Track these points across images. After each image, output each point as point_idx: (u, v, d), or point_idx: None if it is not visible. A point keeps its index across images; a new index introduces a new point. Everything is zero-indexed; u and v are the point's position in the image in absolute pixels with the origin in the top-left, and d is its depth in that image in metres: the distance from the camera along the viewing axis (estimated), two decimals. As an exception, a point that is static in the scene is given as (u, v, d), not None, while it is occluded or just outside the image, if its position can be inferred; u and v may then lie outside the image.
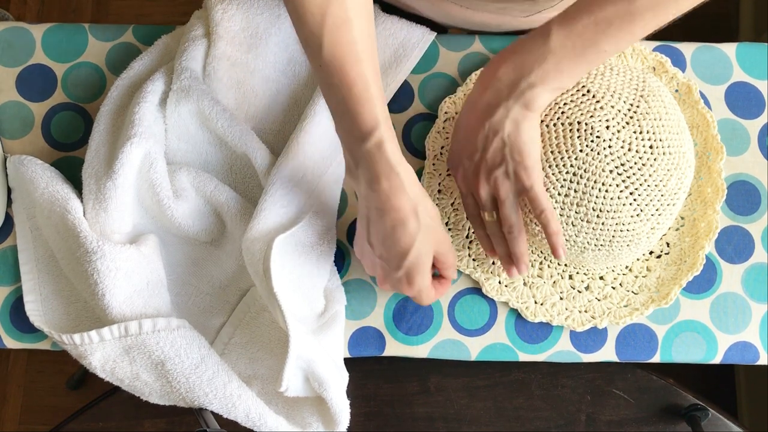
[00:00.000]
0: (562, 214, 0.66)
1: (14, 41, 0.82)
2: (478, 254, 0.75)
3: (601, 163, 0.64)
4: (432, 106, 0.80)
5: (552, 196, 0.66)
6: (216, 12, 0.76)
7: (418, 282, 0.64)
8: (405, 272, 0.63)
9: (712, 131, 0.77)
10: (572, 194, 0.65)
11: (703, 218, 0.76)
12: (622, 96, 0.65)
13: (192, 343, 0.69)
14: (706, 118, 0.77)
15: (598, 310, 0.75)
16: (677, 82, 0.78)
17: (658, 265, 0.76)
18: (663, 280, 0.75)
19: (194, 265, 0.77)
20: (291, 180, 0.72)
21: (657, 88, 0.67)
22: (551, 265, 0.75)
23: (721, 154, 0.76)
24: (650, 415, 0.80)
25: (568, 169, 0.65)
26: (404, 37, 0.79)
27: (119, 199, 0.72)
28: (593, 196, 0.65)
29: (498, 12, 0.77)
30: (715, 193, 0.76)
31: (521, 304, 0.75)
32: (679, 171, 0.66)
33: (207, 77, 0.76)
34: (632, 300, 0.75)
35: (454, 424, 0.81)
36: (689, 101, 0.78)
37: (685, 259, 0.75)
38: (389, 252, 0.63)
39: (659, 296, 0.75)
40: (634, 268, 0.75)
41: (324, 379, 0.68)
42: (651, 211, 0.66)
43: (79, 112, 0.81)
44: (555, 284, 0.75)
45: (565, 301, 0.75)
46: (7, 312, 0.76)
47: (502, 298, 0.75)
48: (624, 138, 0.64)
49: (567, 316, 0.75)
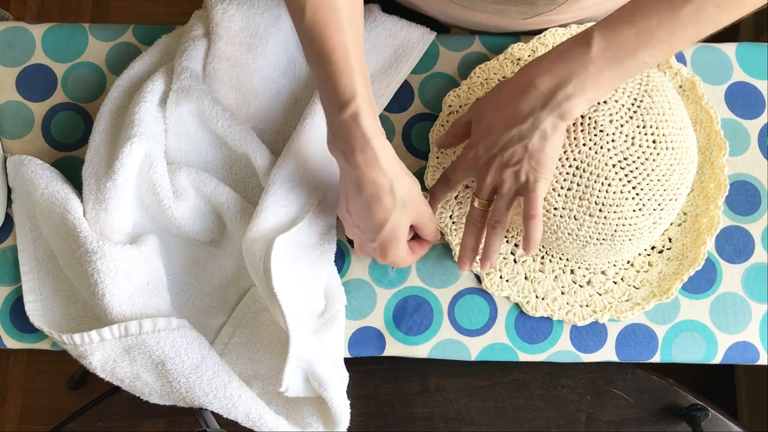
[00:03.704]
0: (564, 207, 0.66)
1: (14, 41, 0.82)
2: None
3: (604, 157, 0.65)
4: (432, 105, 0.80)
5: (555, 189, 0.66)
6: (216, 12, 0.76)
7: (392, 254, 0.66)
8: (379, 244, 0.65)
9: (715, 127, 0.77)
10: (575, 188, 0.66)
11: (705, 214, 0.76)
12: (626, 91, 0.66)
13: (192, 343, 0.69)
14: (709, 113, 0.77)
15: (600, 305, 0.75)
16: (681, 77, 0.78)
17: (659, 260, 0.76)
18: (664, 275, 0.75)
19: (194, 265, 0.77)
20: (291, 180, 0.72)
21: (661, 84, 0.67)
22: (552, 259, 0.75)
23: (724, 150, 0.76)
24: (650, 415, 0.80)
25: (572, 162, 0.65)
26: (404, 37, 0.79)
27: (119, 199, 0.72)
28: (596, 190, 0.65)
29: (496, 13, 0.77)
30: (717, 189, 0.76)
31: (522, 299, 0.75)
32: (682, 166, 0.66)
33: (207, 77, 0.76)
34: (634, 295, 0.75)
35: (454, 424, 0.81)
36: (693, 97, 0.78)
37: (687, 255, 0.75)
38: (365, 224, 0.65)
39: (660, 291, 0.75)
40: (635, 263, 0.75)
41: (324, 379, 0.68)
42: (653, 205, 0.66)
43: (79, 112, 0.81)
44: (556, 279, 0.75)
45: (566, 295, 0.75)
46: (7, 312, 0.76)
47: (503, 293, 0.75)
48: (627, 132, 0.65)
49: (568, 310, 0.75)
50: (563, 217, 0.67)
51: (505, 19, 0.79)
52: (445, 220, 0.76)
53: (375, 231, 0.64)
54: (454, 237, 0.75)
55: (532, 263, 0.75)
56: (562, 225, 0.67)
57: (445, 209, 0.76)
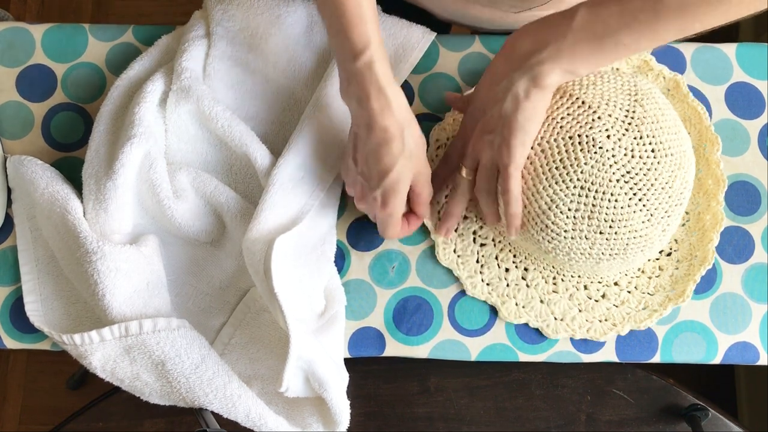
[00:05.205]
0: (574, 228, 0.66)
1: (14, 41, 0.82)
2: (491, 278, 0.75)
3: (606, 173, 0.64)
4: (432, 106, 0.80)
5: (562, 211, 0.66)
6: (216, 12, 0.76)
7: (392, 204, 0.66)
8: (382, 191, 0.66)
9: (705, 123, 0.77)
10: (582, 208, 0.65)
11: (707, 211, 0.76)
12: (617, 103, 0.66)
13: (192, 343, 0.69)
14: (697, 110, 0.77)
15: (618, 317, 0.75)
16: (664, 77, 0.78)
17: (669, 264, 0.75)
18: (676, 277, 0.75)
19: (194, 265, 0.77)
20: (291, 180, 0.72)
21: (649, 90, 0.67)
22: (564, 278, 0.74)
23: (716, 145, 0.76)
24: (650, 415, 0.80)
25: (575, 183, 0.65)
26: (404, 37, 0.79)
27: (119, 200, 0.72)
28: (603, 207, 0.65)
29: (489, 5, 0.78)
30: (716, 185, 0.76)
31: (541, 323, 0.74)
32: (683, 170, 0.66)
33: (207, 77, 0.76)
34: (649, 302, 0.75)
35: (454, 424, 0.81)
36: (678, 96, 0.78)
37: (695, 254, 0.75)
38: (371, 169, 0.65)
39: (675, 294, 0.75)
40: (646, 269, 0.75)
41: (324, 380, 0.68)
42: (661, 213, 0.66)
43: (79, 113, 0.81)
44: (571, 297, 0.75)
45: (584, 312, 0.75)
46: (7, 312, 0.76)
47: (521, 320, 0.75)
48: (625, 146, 0.65)
49: (588, 328, 0.74)
50: (574, 239, 0.67)
51: (498, 12, 0.79)
52: (449, 254, 0.76)
53: (380, 176, 0.65)
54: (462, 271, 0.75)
55: (544, 285, 0.75)
56: (573, 246, 0.67)
57: (447, 244, 0.76)
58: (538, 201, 0.66)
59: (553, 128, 0.66)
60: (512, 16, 0.79)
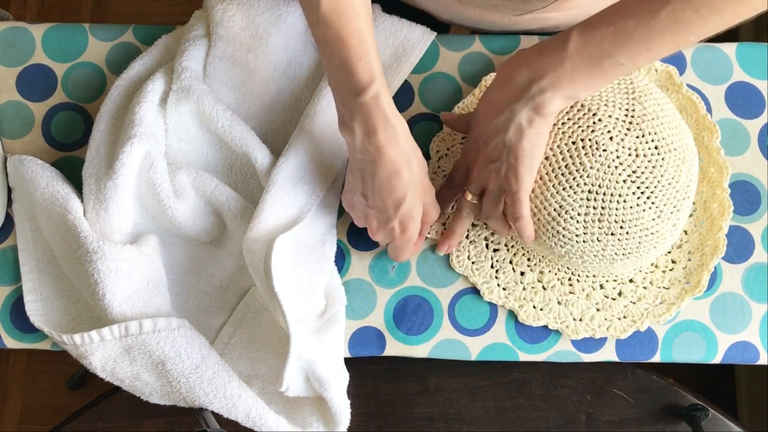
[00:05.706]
0: (585, 232, 0.66)
1: (14, 41, 0.82)
2: (507, 283, 0.75)
3: (613, 175, 0.65)
4: (433, 106, 0.80)
5: (572, 216, 0.66)
6: (216, 12, 0.76)
7: (411, 230, 0.67)
8: (400, 220, 0.66)
9: (701, 112, 0.77)
10: (592, 212, 0.66)
11: (713, 199, 0.76)
12: (616, 103, 0.66)
13: (192, 343, 0.69)
14: (692, 100, 0.77)
15: (636, 314, 0.74)
16: (656, 70, 0.78)
17: (681, 256, 0.75)
18: (690, 269, 0.75)
19: (194, 265, 0.77)
20: (291, 180, 0.72)
21: (646, 87, 0.67)
22: (580, 278, 0.74)
23: (716, 133, 0.76)
24: (650, 415, 0.81)
25: (583, 188, 0.65)
26: (404, 37, 0.79)
27: (119, 199, 0.72)
28: (613, 209, 0.65)
29: (489, 8, 0.78)
30: (719, 172, 0.76)
31: (561, 324, 0.74)
32: (687, 164, 0.67)
33: (207, 77, 0.76)
34: (666, 296, 0.75)
35: (454, 424, 0.81)
36: (672, 87, 0.78)
37: (706, 244, 0.75)
38: (384, 202, 0.66)
39: (691, 286, 0.74)
40: (659, 264, 0.75)
41: (324, 379, 0.68)
42: (670, 209, 0.66)
43: (79, 112, 0.81)
44: (588, 297, 0.75)
45: (602, 311, 0.75)
46: (7, 312, 0.76)
47: (540, 322, 0.74)
48: (629, 146, 0.65)
49: (608, 326, 0.74)
50: (586, 242, 0.67)
51: (498, 15, 0.79)
52: (463, 261, 0.76)
53: (395, 207, 0.65)
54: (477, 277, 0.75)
55: (560, 287, 0.75)
56: (586, 249, 0.67)
57: (461, 251, 0.76)
58: (547, 208, 0.67)
59: (555, 135, 0.66)
60: (512, 18, 0.79)
